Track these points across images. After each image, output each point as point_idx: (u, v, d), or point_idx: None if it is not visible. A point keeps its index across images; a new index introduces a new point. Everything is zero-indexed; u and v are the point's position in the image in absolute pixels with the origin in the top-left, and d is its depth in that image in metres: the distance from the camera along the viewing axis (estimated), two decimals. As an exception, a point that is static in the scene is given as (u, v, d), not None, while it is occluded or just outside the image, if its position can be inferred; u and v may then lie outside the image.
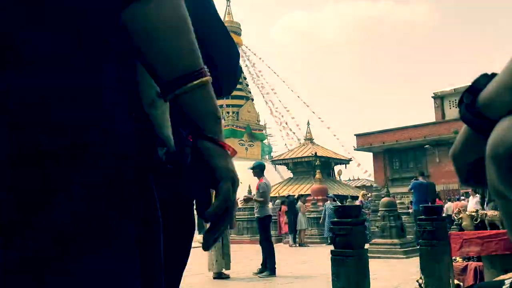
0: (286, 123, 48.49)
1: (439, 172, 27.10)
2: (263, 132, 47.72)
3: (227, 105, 41.27)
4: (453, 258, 4.60)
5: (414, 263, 6.58)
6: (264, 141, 48.15)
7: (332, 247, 3.69)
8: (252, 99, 45.76)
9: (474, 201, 13.39)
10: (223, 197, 0.73)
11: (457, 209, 5.38)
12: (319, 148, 29.16)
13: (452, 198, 19.29)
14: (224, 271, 7.58)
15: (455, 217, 4.93)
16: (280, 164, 32.07)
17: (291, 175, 30.87)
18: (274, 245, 8.07)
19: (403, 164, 31.79)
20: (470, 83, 0.51)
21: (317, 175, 21.61)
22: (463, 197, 16.31)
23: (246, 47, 48.23)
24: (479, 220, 4.50)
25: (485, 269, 4.21)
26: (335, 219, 3.77)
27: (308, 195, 20.18)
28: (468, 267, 4.50)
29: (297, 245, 14.97)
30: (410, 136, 30.39)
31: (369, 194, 19.73)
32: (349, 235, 3.47)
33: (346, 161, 32.44)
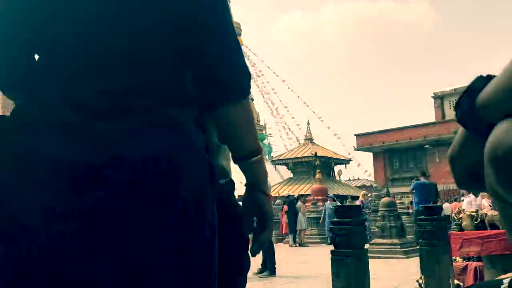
0: (286, 123, 48.47)
1: (439, 172, 27.07)
2: (263, 132, 47.73)
3: (227, 105, 41.23)
4: (453, 258, 4.61)
5: (414, 263, 6.58)
6: (264, 141, 48.16)
7: (332, 247, 3.70)
8: (252, 99, 45.73)
9: (465, 202, 13.13)
10: (270, 231, 1.14)
11: (456, 209, 5.38)
12: (319, 148, 29.16)
13: (449, 199, 19.28)
14: None
15: (455, 217, 4.93)
16: (280, 164, 32.08)
17: (291, 175, 30.87)
18: (274, 245, 8.07)
19: (403, 164, 31.78)
20: (468, 84, 0.51)
21: (317, 175, 21.61)
22: (463, 197, 16.26)
23: (246, 47, 48.23)
24: (479, 220, 4.51)
25: (485, 269, 4.21)
26: (335, 219, 3.77)
27: (308, 195, 20.18)
28: (468, 267, 4.50)
29: (297, 245, 14.98)
30: (410, 136, 30.39)
31: (369, 194, 19.73)
32: (349, 235, 3.47)
33: (346, 161, 32.44)
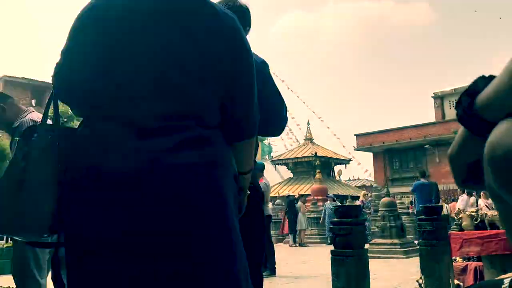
0: (286, 123, 48.35)
1: (439, 172, 27.06)
2: (263, 132, 47.54)
3: (227, 105, 41.20)
4: (453, 258, 4.60)
5: (414, 263, 6.58)
6: (264, 141, 48.13)
7: (332, 247, 3.70)
8: (252, 99, 45.75)
9: (460, 201, 12.99)
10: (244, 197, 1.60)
11: (456, 209, 5.38)
12: (319, 148, 29.16)
13: (447, 199, 19.26)
14: None
15: (455, 217, 4.93)
16: (280, 164, 32.08)
17: (291, 175, 30.87)
18: (274, 245, 8.07)
19: (403, 164, 31.77)
20: (468, 85, 0.51)
21: (317, 175, 21.60)
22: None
23: (246, 47, 48.07)
24: (479, 220, 4.50)
25: (485, 269, 4.21)
26: (335, 219, 3.77)
27: (308, 195, 20.18)
28: (468, 267, 4.50)
29: (297, 245, 14.98)
30: (410, 136, 30.38)
31: (370, 194, 19.73)
32: (349, 235, 3.47)
33: (346, 161, 32.44)
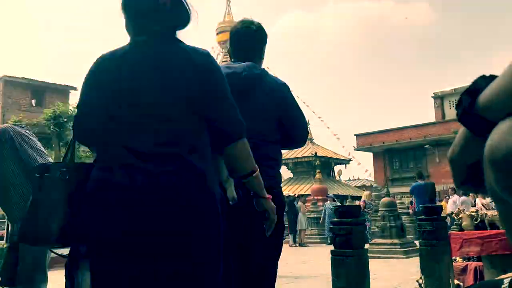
0: (286, 123, 48.28)
1: (439, 172, 27.04)
2: (263, 132, 47.51)
3: (227, 105, 41.18)
4: (453, 258, 4.60)
5: (414, 263, 6.58)
6: (264, 141, 47.96)
7: (332, 247, 3.69)
8: (252, 99, 45.69)
9: (450, 203, 12.61)
10: (272, 221, 1.75)
11: (457, 209, 5.37)
12: (319, 148, 29.14)
13: (444, 199, 19.21)
14: None
15: (455, 217, 4.92)
16: (280, 164, 32.01)
17: (291, 175, 30.84)
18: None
19: (403, 164, 31.74)
20: (469, 84, 0.51)
21: (317, 175, 21.60)
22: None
23: (246, 47, 48.05)
24: (479, 220, 4.50)
25: (485, 269, 4.21)
26: (335, 219, 3.76)
27: (308, 195, 20.17)
28: (468, 267, 4.49)
29: (297, 245, 14.97)
30: (410, 136, 30.35)
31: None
32: (349, 235, 3.47)
33: (346, 161, 32.41)
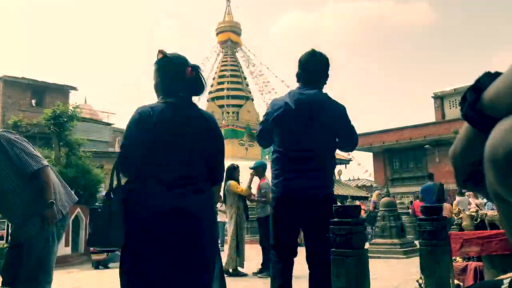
0: (286, 123, 48.27)
1: (439, 172, 26.99)
2: (263, 132, 47.53)
3: (228, 105, 41.28)
4: (453, 258, 4.60)
5: (414, 263, 6.57)
6: (264, 141, 48.00)
7: (332, 247, 3.69)
8: (252, 99, 45.72)
9: (455, 204, 12.46)
10: None
11: (457, 209, 5.37)
12: (319, 148, 29.06)
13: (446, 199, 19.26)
14: (239, 269, 7.71)
15: (455, 217, 4.92)
16: (280, 164, 32.02)
17: (291, 175, 30.80)
18: (274, 245, 8.07)
19: (403, 164, 31.76)
20: (472, 82, 0.50)
21: (317, 175, 21.52)
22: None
23: (246, 47, 48.17)
24: (479, 220, 4.50)
25: (485, 269, 4.21)
26: (335, 219, 3.76)
27: (308, 195, 20.10)
28: (468, 267, 4.49)
29: (297, 245, 14.97)
30: (410, 136, 30.36)
31: (369, 194, 19.72)
32: (349, 235, 3.47)
33: (346, 161, 32.41)
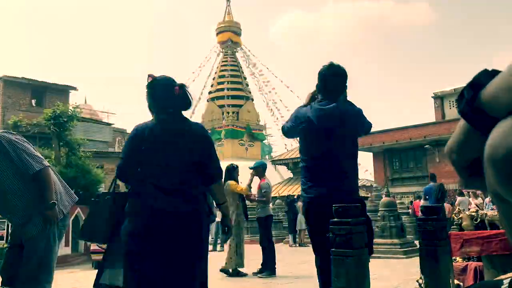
0: (286, 123, 48.33)
1: (438, 172, 26.84)
2: (263, 132, 47.66)
3: (228, 105, 41.22)
4: (453, 258, 4.60)
5: (414, 263, 6.57)
6: (264, 141, 48.12)
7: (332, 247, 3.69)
8: (252, 99, 45.68)
9: (456, 204, 12.53)
10: (230, 230, 3.11)
11: (457, 209, 5.37)
12: (319, 148, 29.05)
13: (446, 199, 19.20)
14: (239, 269, 7.72)
15: (455, 217, 4.92)
16: (280, 164, 32.06)
17: (291, 175, 30.85)
18: (275, 245, 8.07)
19: (403, 164, 31.74)
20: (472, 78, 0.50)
21: (317, 175, 21.51)
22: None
23: (246, 47, 48.13)
24: (479, 220, 4.50)
25: (485, 269, 4.21)
26: (335, 219, 3.76)
27: (308, 195, 20.09)
28: (468, 267, 4.49)
29: (297, 245, 14.97)
30: (410, 136, 30.34)
31: (369, 194, 19.72)
32: (349, 235, 3.46)
33: (346, 161, 32.32)
